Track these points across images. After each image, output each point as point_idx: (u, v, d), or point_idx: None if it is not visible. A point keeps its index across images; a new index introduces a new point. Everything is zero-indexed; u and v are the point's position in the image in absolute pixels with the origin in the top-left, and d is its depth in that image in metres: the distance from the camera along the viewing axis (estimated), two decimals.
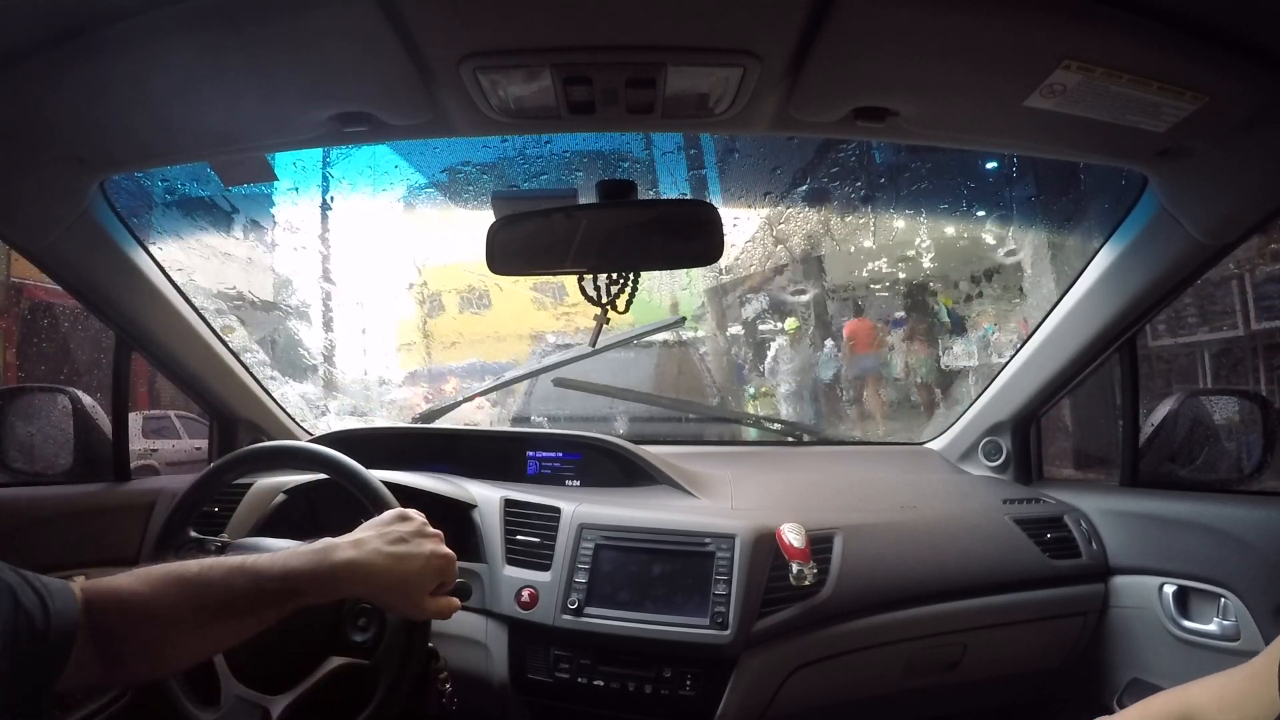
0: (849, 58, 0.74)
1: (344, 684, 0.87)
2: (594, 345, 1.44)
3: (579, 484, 1.41)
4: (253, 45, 0.71)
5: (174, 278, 1.25)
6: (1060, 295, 1.26)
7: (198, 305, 1.31)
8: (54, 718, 1.00)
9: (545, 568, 1.12)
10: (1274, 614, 1.02)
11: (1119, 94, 0.75)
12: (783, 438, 1.81)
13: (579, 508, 1.17)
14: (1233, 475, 1.21)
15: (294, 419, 1.58)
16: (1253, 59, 0.71)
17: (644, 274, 1.01)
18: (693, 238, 0.93)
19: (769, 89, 0.79)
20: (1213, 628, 1.09)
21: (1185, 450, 1.25)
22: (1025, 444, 1.43)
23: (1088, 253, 1.18)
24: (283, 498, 1.22)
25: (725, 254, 0.94)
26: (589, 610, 1.07)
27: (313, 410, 1.99)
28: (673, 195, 2.82)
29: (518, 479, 1.42)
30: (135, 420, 1.72)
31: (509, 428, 2.27)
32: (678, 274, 2.78)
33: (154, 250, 1.19)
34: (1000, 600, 1.19)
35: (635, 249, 0.96)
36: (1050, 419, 1.47)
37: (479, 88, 0.77)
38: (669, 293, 3.26)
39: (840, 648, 1.11)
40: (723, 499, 1.28)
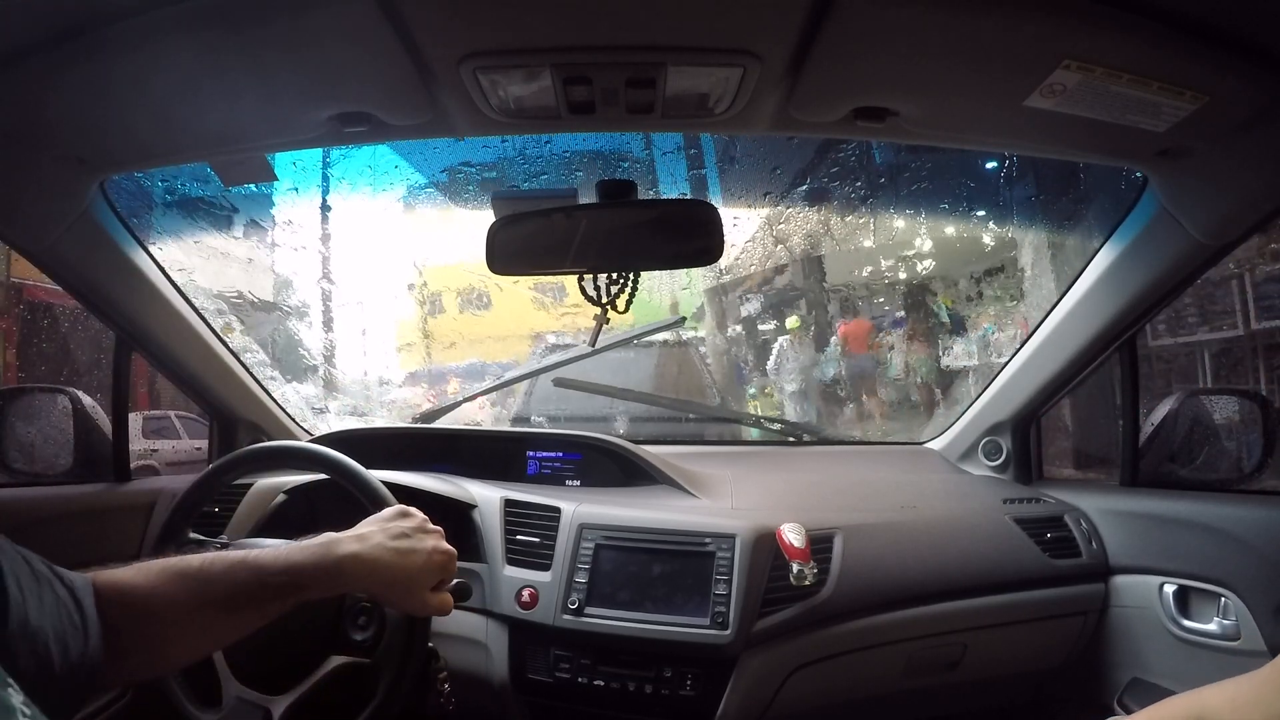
0: (849, 58, 0.74)
1: (344, 683, 0.87)
2: (594, 345, 1.44)
3: (579, 484, 1.41)
4: (253, 45, 0.71)
5: (174, 278, 1.25)
6: (1060, 295, 1.25)
7: (198, 305, 1.31)
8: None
9: (545, 568, 1.12)
10: (1274, 613, 1.02)
11: (1119, 94, 0.75)
12: (783, 437, 1.82)
13: (579, 508, 1.17)
14: (1233, 475, 1.21)
15: (294, 419, 1.58)
16: (1253, 59, 0.71)
17: (644, 274, 1.01)
18: (693, 237, 0.93)
19: (769, 89, 0.79)
20: (1213, 627, 1.09)
21: (1185, 450, 1.25)
22: (1025, 444, 1.43)
23: (1088, 253, 1.18)
24: (283, 498, 1.22)
25: (725, 254, 0.94)
26: (589, 610, 1.07)
27: (313, 410, 1.99)
28: (673, 195, 2.82)
29: (518, 479, 1.42)
30: (135, 420, 1.72)
31: (509, 428, 2.26)
32: (677, 274, 2.78)
33: (154, 250, 1.19)
34: (1000, 600, 1.19)
35: (635, 249, 0.96)
36: (1050, 419, 1.47)
37: (479, 88, 0.77)
38: (669, 293, 3.26)
39: (840, 648, 1.11)
40: (723, 499, 1.28)
